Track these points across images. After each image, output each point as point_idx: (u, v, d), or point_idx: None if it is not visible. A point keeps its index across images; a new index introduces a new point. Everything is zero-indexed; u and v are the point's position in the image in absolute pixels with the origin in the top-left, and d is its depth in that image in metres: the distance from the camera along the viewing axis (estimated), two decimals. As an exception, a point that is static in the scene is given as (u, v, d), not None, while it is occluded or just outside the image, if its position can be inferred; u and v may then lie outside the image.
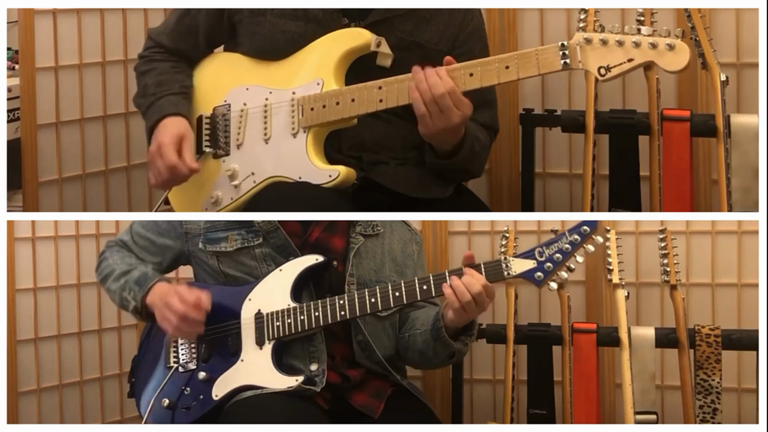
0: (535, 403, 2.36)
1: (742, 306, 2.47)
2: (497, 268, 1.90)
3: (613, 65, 1.86)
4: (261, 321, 1.98)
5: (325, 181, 2.01)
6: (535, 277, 1.90)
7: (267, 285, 2.00)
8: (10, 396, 2.55)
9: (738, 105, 2.42)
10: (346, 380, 2.00)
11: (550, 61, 1.90)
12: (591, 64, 1.88)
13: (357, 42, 2.04)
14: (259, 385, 1.94)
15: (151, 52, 2.23)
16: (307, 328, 1.95)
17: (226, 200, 2.14)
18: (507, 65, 1.93)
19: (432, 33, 2.11)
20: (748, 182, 2.20)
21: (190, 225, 2.07)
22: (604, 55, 1.86)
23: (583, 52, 1.88)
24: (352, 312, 1.94)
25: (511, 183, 2.64)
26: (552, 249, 1.91)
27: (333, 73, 2.04)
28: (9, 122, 2.55)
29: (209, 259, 2.05)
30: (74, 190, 2.67)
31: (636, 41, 1.84)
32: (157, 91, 2.16)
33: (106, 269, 2.12)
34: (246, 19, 2.13)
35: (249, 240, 2.02)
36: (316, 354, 1.98)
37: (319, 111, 2.03)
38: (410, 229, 2.17)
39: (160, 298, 1.98)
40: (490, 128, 2.20)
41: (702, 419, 2.24)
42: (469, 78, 1.95)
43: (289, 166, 2.06)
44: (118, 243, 2.16)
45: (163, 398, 2.01)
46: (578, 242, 1.90)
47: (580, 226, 1.91)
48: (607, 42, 1.86)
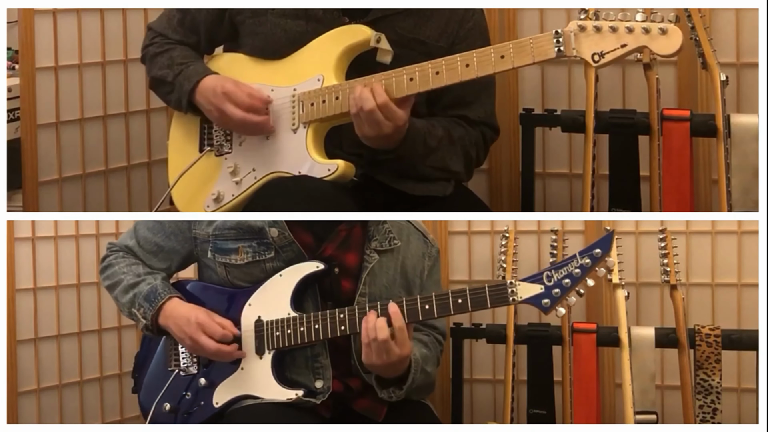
0: (535, 403, 2.36)
1: (742, 306, 2.47)
2: (502, 292, 1.85)
3: (607, 51, 1.87)
4: (261, 329, 1.97)
5: (324, 175, 2.01)
6: (542, 303, 1.82)
7: (267, 290, 1.98)
8: (10, 396, 2.55)
9: (738, 105, 2.42)
10: (349, 390, 2.00)
11: (544, 49, 1.90)
12: (585, 50, 1.88)
13: (357, 38, 2.04)
14: (258, 395, 1.93)
15: (161, 39, 2.22)
16: (306, 341, 1.93)
17: (228, 197, 2.14)
18: (502, 54, 1.93)
19: (433, 30, 2.11)
20: (748, 182, 2.20)
21: (198, 230, 2.05)
22: (598, 41, 1.87)
23: (576, 39, 1.89)
24: (353, 327, 1.91)
25: (511, 183, 2.64)
26: (561, 273, 1.81)
27: (334, 70, 2.05)
28: (9, 122, 2.55)
29: (217, 268, 2.04)
30: (74, 190, 2.67)
31: (629, 27, 1.85)
32: (186, 61, 2.16)
33: (112, 277, 2.09)
34: (248, 19, 2.13)
35: (260, 253, 2.00)
36: (321, 371, 1.97)
37: (319, 106, 2.04)
38: (426, 241, 2.12)
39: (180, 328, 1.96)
40: (483, 124, 2.19)
41: (702, 419, 2.24)
42: (465, 68, 1.95)
43: (289, 161, 2.06)
44: (123, 249, 2.12)
45: (165, 403, 2.01)
46: (589, 266, 1.80)
47: (592, 249, 1.81)
48: (600, 29, 1.87)
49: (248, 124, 2.08)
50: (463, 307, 1.86)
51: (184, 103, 2.13)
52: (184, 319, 1.96)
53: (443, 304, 1.87)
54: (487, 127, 2.20)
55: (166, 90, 2.18)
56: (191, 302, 2.02)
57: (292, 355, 1.98)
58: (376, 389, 1.96)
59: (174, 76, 2.15)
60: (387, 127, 1.96)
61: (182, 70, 2.14)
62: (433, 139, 2.08)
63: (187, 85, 2.12)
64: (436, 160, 2.11)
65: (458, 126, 2.15)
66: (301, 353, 1.98)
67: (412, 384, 1.94)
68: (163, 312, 1.99)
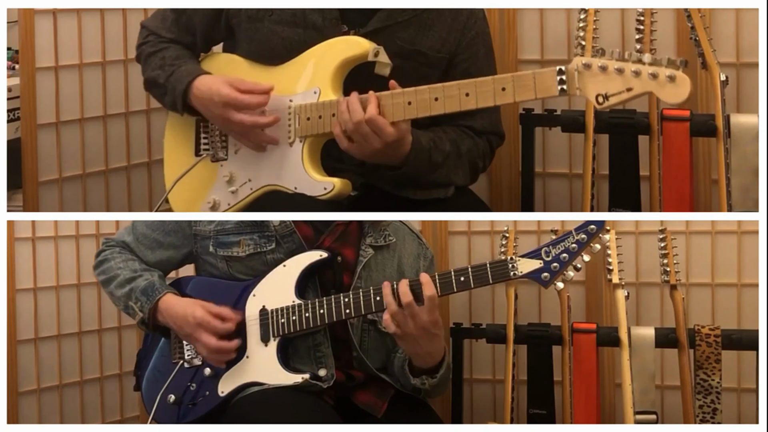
0: (535, 403, 2.36)
1: (742, 306, 2.47)
2: (503, 268, 1.88)
3: (612, 94, 1.80)
4: (266, 318, 1.98)
5: (320, 194, 2.00)
6: (542, 277, 1.88)
7: (271, 280, 2.00)
8: (10, 396, 2.55)
9: (738, 105, 2.42)
10: (351, 379, 2.01)
11: (547, 86, 1.86)
12: (589, 91, 1.82)
13: (354, 51, 2.01)
14: (264, 382, 1.94)
15: (155, 38, 2.20)
16: (312, 326, 1.95)
17: (224, 205, 2.13)
18: (503, 87, 1.89)
19: (434, 40, 2.09)
20: (748, 182, 2.20)
21: (200, 227, 2.06)
22: (603, 82, 1.80)
23: (581, 78, 1.82)
24: (357, 310, 1.93)
25: (511, 183, 2.64)
26: (558, 248, 1.89)
27: (330, 83, 2.02)
28: (9, 122, 2.55)
29: (219, 262, 2.04)
30: (74, 190, 2.67)
31: (636, 70, 1.77)
32: (177, 62, 2.13)
33: (108, 272, 2.10)
34: (244, 23, 2.11)
35: (261, 245, 2.01)
36: (324, 359, 1.98)
37: (315, 121, 2.02)
38: (420, 243, 2.15)
39: (180, 326, 1.97)
40: (491, 133, 2.18)
41: (702, 419, 2.24)
42: (465, 98, 1.90)
43: (285, 175, 2.05)
44: (119, 244, 2.13)
45: (169, 394, 2.02)
46: (585, 241, 1.88)
47: (587, 225, 1.89)
48: (606, 69, 1.80)
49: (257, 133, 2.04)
50: (465, 284, 1.89)
51: (179, 106, 2.11)
52: (182, 318, 1.97)
53: (446, 283, 1.89)
54: (494, 135, 2.20)
55: (160, 92, 2.16)
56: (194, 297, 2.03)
57: (294, 345, 1.99)
58: (409, 377, 1.97)
59: (166, 78, 2.12)
60: (376, 142, 1.93)
61: (174, 71, 2.11)
62: (439, 155, 2.06)
63: (180, 86, 2.09)
64: (441, 176, 2.10)
65: (467, 137, 2.13)
66: (302, 343, 1.99)
67: (446, 372, 1.98)
68: (159, 306, 2.00)
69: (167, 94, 2.13)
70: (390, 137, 1.93)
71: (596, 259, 2.43)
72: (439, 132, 2.09)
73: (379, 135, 1.93)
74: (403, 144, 1.97)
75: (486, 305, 2.61)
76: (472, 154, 2.13)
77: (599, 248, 1.90)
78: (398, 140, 1.95)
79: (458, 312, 2.60)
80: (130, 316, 2.06)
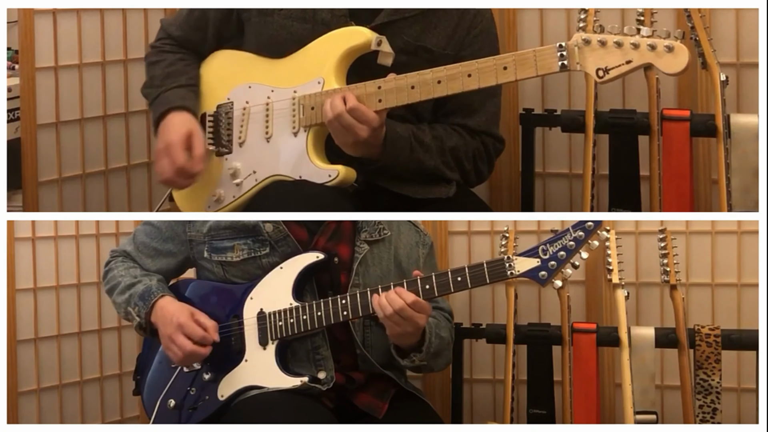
0: (535, 403, 2.36)
1: (741, 306, 2.47)
2: (500, 267, 1.89)
3: (612, 67, 1.85)
4: (263, 321, 1.98)
5: (325, 181, 2.01)
6: (539, 276, 1.88)
7: (268, 283, 2.00)
8: (10, 396, 2.55)
9: (738, 105, 2.42)
10: (351, 381, 2.01)
11: (547, 63, 1.89)
12: (589, 65, 1.86)
13: (357, 41, 2.03)
14: (263, 385, 1.94)
15: (162, 43, 2.23)
16: (309, 328, 1.95)
17: (228, 198, 2.14)
18: (505, 66, 1.92)
19: (440, 37, 2.10)
20: (748, 182, 2.20)
21: (194, 232, 2.07)
22: (603, 56, 1.84)
23: (581, 53, 1.86)
24: (355, 312, 1.93)
25: (511, 183, 2.64)
26: (556, 246, 1.88)
27: (334, 72, 2.04)
28: (9, 122, 2.55)
29: (214, 267, 2.05)
30: (74, 190, 2.67)
31: (634, 42, 1.82)
32: (164, 83, 2.16)
33: (111, 281, 2.11)
34: (254, 18, 2.13)
35: (256, 250, 2.01)
36: (323, 362, 1.98)
37: (320, 110, 2.03)
38: (418, 231, 2.15)
39: (164, 325, 1.98)
40: (485, 134, 2.17)
41: (702, 419, 2.24)
42: (468, 78, 1.94)
43: (289, 164, 2.06)
44: (122, 254, 2.15)
45: (169, 399, 2.02)
46: (582, 239, 1.88)
47: (584, 222, 1.89)
48: (605, 43, 1.84)
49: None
50: (462, 284, 1.89)
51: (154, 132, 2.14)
52: (168, 319, 1.98)
53: (443, 283, 1.89)
54: (489, 136, 2.18)
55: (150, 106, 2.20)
56: (191, 301, 2.03)
57: (292, 348, 1.99)
58: (397, 359, 1.98)
59: (153, 99, 2.16)
60: (362, 131, 1.95)
61: (159, 93, 2.14)
62: (418, 145, 2.07)
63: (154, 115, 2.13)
64: (429, 167, 2.10)
65: (454, 135, 2.13)
66: (301, 346, 1.99)
67: (429, 346, 1.96)
68: (154, 310, 2.01)
69: (152, 114, 2.16)
70: (375, 122, 1.95)
71: (596, 259, 2.44)
72: (422, 126, 2.11)
73: (363, 122, 1.94)
74: (380, 132, 2.00)
75: (486, 305, 2.62)
76: (457, 153, 2.14)
77: (597, 245, 1.90)
78: (380, 127, 1.98)
79: (458, 312, 2.60)
80: (130, 322, 2.06)
